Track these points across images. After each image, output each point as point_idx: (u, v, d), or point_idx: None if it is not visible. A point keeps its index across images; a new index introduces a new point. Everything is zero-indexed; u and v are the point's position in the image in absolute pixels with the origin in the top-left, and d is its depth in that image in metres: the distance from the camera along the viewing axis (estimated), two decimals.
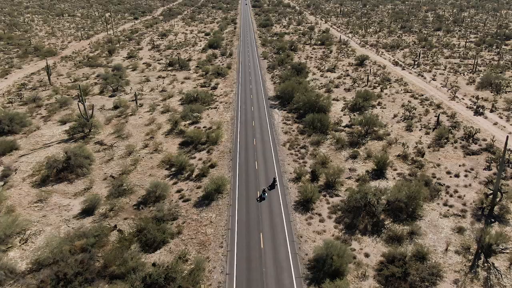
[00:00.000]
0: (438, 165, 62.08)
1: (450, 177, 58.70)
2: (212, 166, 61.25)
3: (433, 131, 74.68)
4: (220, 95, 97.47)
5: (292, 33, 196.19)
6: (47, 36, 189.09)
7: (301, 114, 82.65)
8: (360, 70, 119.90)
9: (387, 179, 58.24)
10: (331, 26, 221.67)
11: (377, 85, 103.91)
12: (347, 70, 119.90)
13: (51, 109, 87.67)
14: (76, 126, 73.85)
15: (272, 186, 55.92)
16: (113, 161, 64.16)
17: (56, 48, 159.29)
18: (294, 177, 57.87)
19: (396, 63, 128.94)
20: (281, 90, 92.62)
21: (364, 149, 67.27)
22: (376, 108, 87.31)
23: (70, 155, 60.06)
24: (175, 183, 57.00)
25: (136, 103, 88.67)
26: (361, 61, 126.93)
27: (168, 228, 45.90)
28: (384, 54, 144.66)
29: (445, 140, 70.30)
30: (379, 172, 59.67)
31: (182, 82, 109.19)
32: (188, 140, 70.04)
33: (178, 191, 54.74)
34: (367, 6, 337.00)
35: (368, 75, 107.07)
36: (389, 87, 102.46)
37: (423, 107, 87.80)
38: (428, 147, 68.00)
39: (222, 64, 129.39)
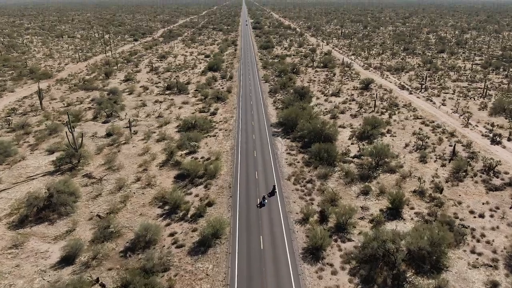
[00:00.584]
0: (460, 203, 56.21)
1: (474, 217, 52.77)
2: (210, 204, 55.39)
3: (449, 162, 69.08)
4: (220, 121, 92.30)
5: (293, 55, 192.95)
6: (45, 58, 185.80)
7: (306, 143, 77.25)
8: (366, 94, 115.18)
9: (404, 219, 52.30)
10: (333, 48, 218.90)
11: (384, 110, 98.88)
12: (352, 94, 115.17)
13: (40, 136, 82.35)
14: (64, 157, 68.29)
15: (272, 193, 58.20)
16: (101, 197, 58.34)
17: (52, 70, 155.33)
18: (301, 218, 51.92)
19: (402, 87, 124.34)
20: (284, 116, 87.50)
21: (376, 184, 61.52)
22: (386, 136, 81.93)
23: (53, 192, 54.31)
24: (168, 224, 51.04)
25: (130, 130, 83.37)
26: (366, 85, 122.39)
27: (158, 283, 39.76)
28: (389, 77, 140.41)
29: (464, 173, 64.61)
30: (394, 212, 53.77)
31: (180, 107, 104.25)
32: (184, 172, 64.40)
33: (171, 235, 48.77)
34: (368, 28, 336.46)
35: (375, 100, 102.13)
36: (398, 112, 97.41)
37: (436, 135, 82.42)
38: (446, 182, 62.24)
39: (222, 88, 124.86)
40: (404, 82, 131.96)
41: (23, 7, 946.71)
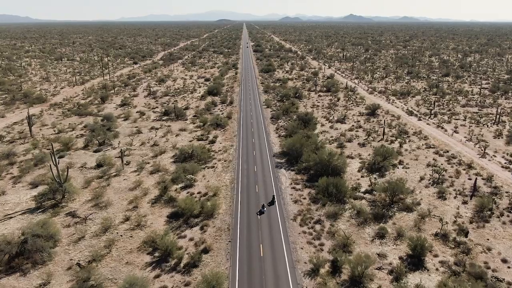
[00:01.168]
0: (489, 249, 49.58)
1: (508, 267, 46.10)
2: (206, 250, 48.80)
3: (471, 199, 62.71)
4: (219, 150, 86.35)
5: (295, 78, 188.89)
6: (41, 81, 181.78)
7: (312, 175, 71.10)
8: (373, 121, 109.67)
9: (428, 270, 45.62)
10: (335, 72, 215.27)
11: (394, 138, 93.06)
12: (359, 121, 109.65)
13: (25, 167, 76.28)
14: (46, 193, 62.00)
15: (272, 203, 60.69)
16: (84, 241, 51.78)
17: (47, 94, 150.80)
18: (310, 269, 45.24)
19: (410, 113, 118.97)
20: (288, 146, 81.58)
21: (392, 225, 55.01)
22: (398, 167, 75.79)
23: (27, 237, 47.84)
24: (157, 276, 44.38)
25: (122, 161, 77.31)
26: (372, 111, 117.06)
27: None
28: (395, 102, 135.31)
29: (489, 212, 58.14)
30: (416, 260, 47.12)
31: (177, 135, 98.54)
32: (178, 211, 57.96)
33: None
34: (370, 51, 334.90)
35: (383, 128, 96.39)
36: (408, 141, 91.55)
37: (452, 166, 76.27)
38: (471, 222, 55.73)
39: (222, 113, 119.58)
40: (411, 108, 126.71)
41: (26, 29, 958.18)
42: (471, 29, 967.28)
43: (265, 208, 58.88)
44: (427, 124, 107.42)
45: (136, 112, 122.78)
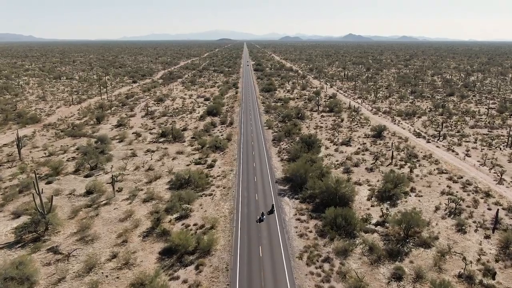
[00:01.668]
0: None
1: None
2: None
3: (493, 232, 57.14)
4: (218, 175, 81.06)
5: (297, 98, 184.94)
6: (37, 101, 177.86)
7: (318, 204, 65.72)
8: (380, 143, 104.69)
9: None
10: (337, 91, 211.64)
11: (403, 163, 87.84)
12: (365, 143, 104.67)
13: (9, 194, 70.96)
14: (27, 225, 56.50)
15: (271, 212, 63.54)
16: (65, 283, 46.09)
17: (42, 114, 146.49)
18: None
19: (418, 134, 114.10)
20: (291, 171, 76.35)
21: (409, 263, 49.34)
22: (410, 195, 70.39)
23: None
24: None
25: (113, 188, 71.98)
26: (378, 132, 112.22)
27: None
28: (401, 123, 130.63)
29: None
30: None
31: (174, 158, 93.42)
32: (172, 246, 52.34)
33: None
34: (371, 70, 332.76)
35: (392, 152, 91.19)
36: (419, 165, 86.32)
37: (468, 194, 70.87)
38: (497, 261, 50.07)
39: (222, 135, 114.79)
40: (418, 129, 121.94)
41: (28, 48, 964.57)
42: (470, 48, 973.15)
43: (264, 216, 61.26)
44: (437, 146, 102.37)
45: (132, 133, 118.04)
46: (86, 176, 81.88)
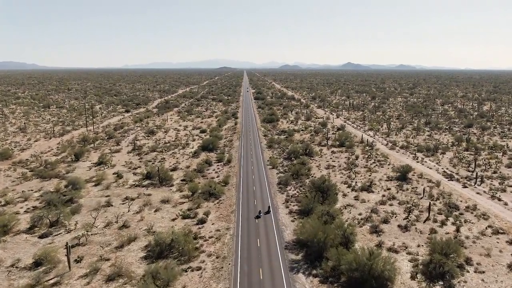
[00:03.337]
0: None
1: None
2: None
3: None
4: (210, 237, 62.96)
5: (302, 130, 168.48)
6: (16, 132, 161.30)
7: (345, 286, 47.49)
8: (407, 189, 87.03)
9: None
10: (345, 121, 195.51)
11: (444, 217, 69.94)
12: (389, 188, 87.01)
13: None
14: None
15: (268, 212, 71.18)
16: None
17: (15, 148, 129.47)
18: None
19: (450, 177, 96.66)
20: (305, 235, 58.39)
21: None
22: (468, 271, 52.20)
23: None
24: None
25: (69, 260, 53.78)
26: (403, 174, 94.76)
27: None
28: (425, 161, 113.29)
29: None
30: None
31: (157, 209, 75.47)
32: None
33: None
34: (376, 99, 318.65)
35: (429, 203, 73.15)
36: (464, 221, 68.38)
37: None
38: None
39: (218, 176, 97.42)
40: (447, 169, 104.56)
41: (27, 76, 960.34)
42: (471, 77, 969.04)
43: (261, 214, 66.52)
44: (477, 193, 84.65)
45: (113, 173, 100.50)
46: (42, 237, 63.90)
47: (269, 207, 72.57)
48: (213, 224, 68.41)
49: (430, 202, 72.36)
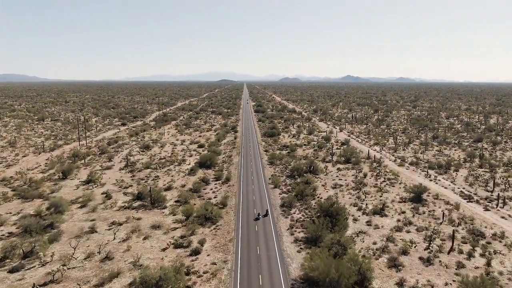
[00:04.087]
0: None
1: None
2: None
3: None
4: (204, 272, 54.79)
5: (304, 144, 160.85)
6: (5, 147, 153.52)
7: None
8: (423, 212, 78.96)
9: None
10: (349, 135, 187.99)
11: (470, 247, 61.82)
12: (404, 211, 78.98)
13: None
14: None
15: (266, 215, 75.50)
16: None
17: (1, 165, 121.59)
18: None
19: (468, 197, 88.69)
20: (316, 273, 50.26)
21: None
22: None
23: None
24: None
25: None
26: (417, 195, 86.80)
27: None
28: (438, 179, 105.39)
29: None
30: None
31: (146, 237, 67.34)
32: None
33: None
34: (379, 112, 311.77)
35: (453, 234, 64.87)
36: (494, 252, 60.25)
37: None
38: None
39: (215, 197, 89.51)
40: (464, 188, 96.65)
41: (27, 88, 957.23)
42: (471, 89, 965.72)
43: (260, 216, 69.89)
44: (502, 217, 76.62)
45: (102, 193, 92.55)
46: (12, 271, 55.72)
47: (267, 210, 78.51)
48: (208, 255, 60.27)
49: (453, 230, 64.18)
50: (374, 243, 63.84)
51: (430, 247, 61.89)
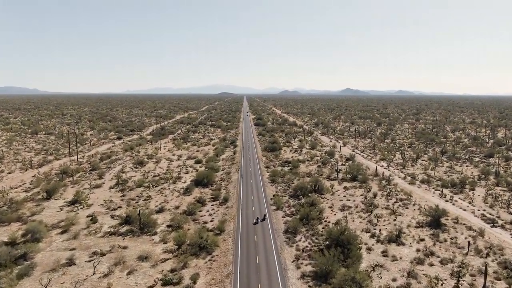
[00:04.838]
0: None
1: None
2: None
3: None
4: None
5: (307, 160, 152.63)
6: None
7: None
8: (444, 239, 70.42)
9: None
10: (353, 150, 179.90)
11: (507, 286, 53.15)
12: (422, 239, 70.43)
13: None
14: None
15: (263, 219, 78.05)
16: None
17: None
18: None
19: (492, 222, 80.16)
20: None
21: None
22: None
23: None
24: None
25: None
26: (435, 219, 78.32)
27: None
28: (455, 200, 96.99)
29: None
30: None
31: (131, 271, 58.71)
32: None
33: None
34: (382, 125, 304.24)
35: (486, 269, 56.20)
36: None
37: None
38: None
39: (211, 220, 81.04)
40: (484, 210, 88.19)
41: (25, 100, 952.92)
42: (472, 102, 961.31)
43: (259, 221, 74.71)
44: None
45: (87, 216, 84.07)
46: None
47: (265, 214, 79.96)
48: None
49: (486, 264, 55.50)
50: (394, 280, 55.22)
51: (460, 285, 53.28)
